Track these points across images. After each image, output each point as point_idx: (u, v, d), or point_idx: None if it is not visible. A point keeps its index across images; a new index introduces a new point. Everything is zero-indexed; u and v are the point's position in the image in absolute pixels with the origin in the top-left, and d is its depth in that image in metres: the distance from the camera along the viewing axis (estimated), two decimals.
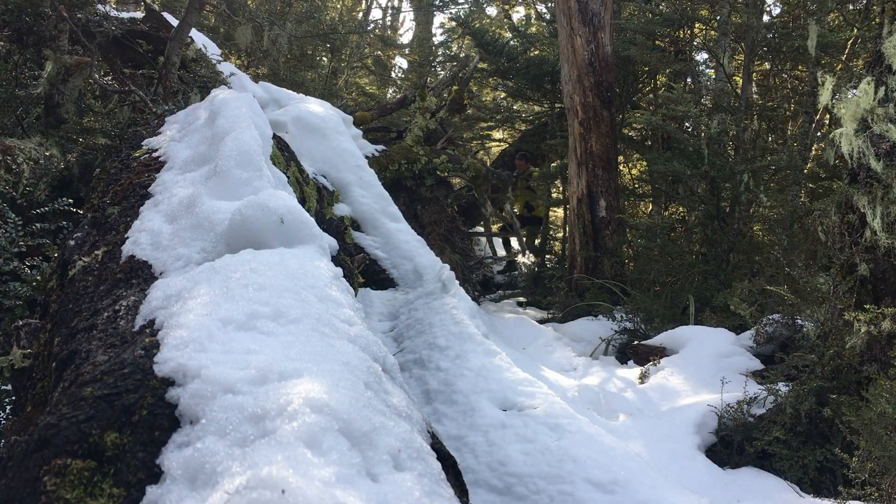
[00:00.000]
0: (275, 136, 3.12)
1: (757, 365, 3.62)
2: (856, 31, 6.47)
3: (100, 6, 4.81)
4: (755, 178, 5.37)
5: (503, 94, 10.23)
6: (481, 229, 8.06)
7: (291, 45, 8.60)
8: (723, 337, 3.98)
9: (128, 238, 1.82)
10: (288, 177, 2.80)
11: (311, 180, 3.53)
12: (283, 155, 3.11)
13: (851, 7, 6.95)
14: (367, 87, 12.58)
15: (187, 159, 2.23)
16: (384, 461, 1.00)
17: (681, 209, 7.14)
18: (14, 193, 3.20)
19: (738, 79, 6.70)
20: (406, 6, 15.55)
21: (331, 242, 2.52)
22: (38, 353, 1.77)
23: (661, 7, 7.14)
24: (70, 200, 3.09)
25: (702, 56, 7.88)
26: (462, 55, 10.32)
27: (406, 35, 16.50)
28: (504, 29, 10.68)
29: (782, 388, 3.05)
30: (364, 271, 3.64)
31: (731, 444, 3.00)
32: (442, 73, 10.80)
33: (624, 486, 1.82)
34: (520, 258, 7.89)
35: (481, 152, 10.34)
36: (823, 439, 2.85)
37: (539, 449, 1.97)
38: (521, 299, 7.09)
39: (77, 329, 1.49)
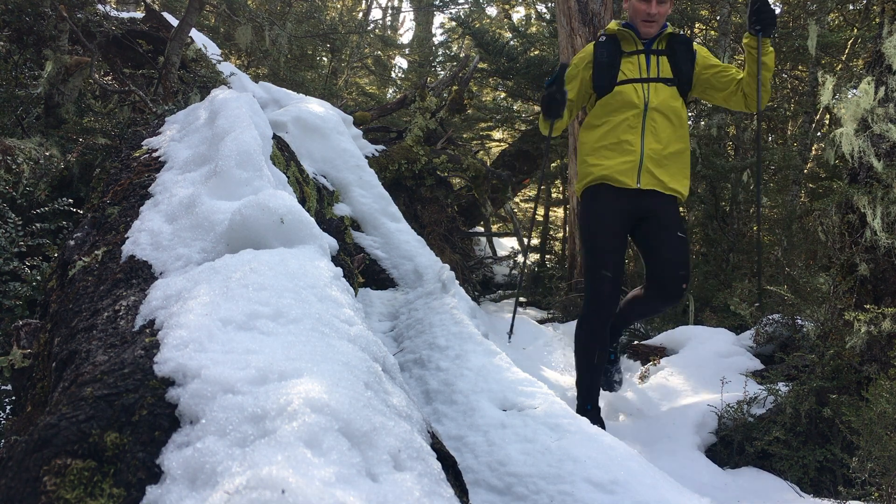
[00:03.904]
0: (275, 136, 3.12)
1: (757, 365, 3.62)
2: (856, 31, 6.47)
3: (100, 6, 4.81)
4: (755, 178, 5.38)
5: (503, 94, 10.24)
6: (481, 229, 8.06)
7: (291, 45, 8.59)
8: (723, 337, 3.98)
9: (128, 238, 1.82)
10: (288, 177, 2.80)
11: (311, 180, 3.53)
12: (283, 155, 3.11)
13: (851, 7, 6.95)
14: (367, 87, 12.59)
15: (187, 159, 2.23)
16: (384, 461, 1.00)
17: (680, 209, 7.14)
18: (14, 193, 3.20)
19: None
20: (406, 6, 15.57)
21: (331, 242, 2.52)
22: (38, 353, 1.77)
23: None
24: (70, 200, 3.08)
25: None
26: (462, 55, 10.32)
27: (406, 35, 16.52)
28: (504, 29, 10.69)
29: (782, 388, 3.05)
30: (364, 271, 3.64)
31: (731, 444, 3.00)
32: (442, 73, 10.80)
33: (624, 485, 1.82)
34: (519, 258, 7.89)
35: (481, 152, 10.34)
36: (823, 439, 2.86)
37: (539, 449, 1.97)
38: (522, 299, 7.09)
39: (77, 329, 1.49)
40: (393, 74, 12.88)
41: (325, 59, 11.23)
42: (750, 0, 2.82)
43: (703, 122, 5.68)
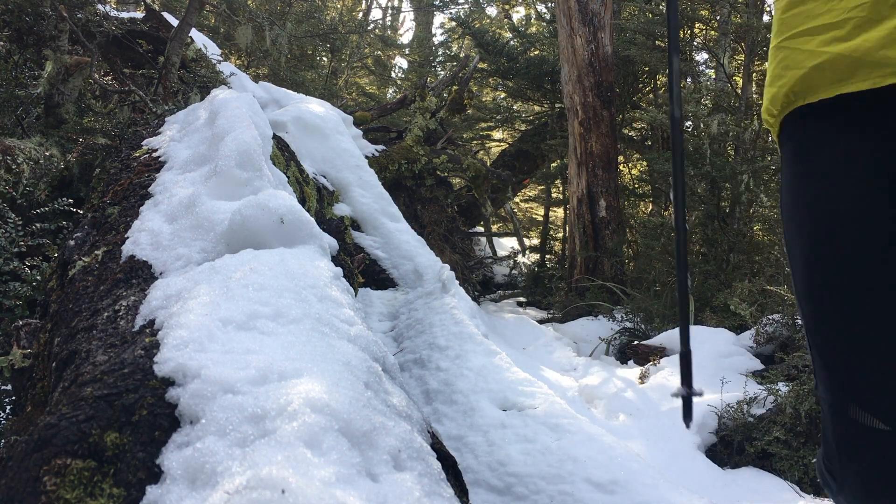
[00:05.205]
0: (275, 136, 3.12)
1: (757, 365, 3.62)
2: None
3: (100, 6, 4.81)
4: (755, 178, 5.38)
5: (503, 94, 10.24)
6: (481, 229, 8.06)
7: (291, 45, 8.60)
8: (723, 337, 3.98)
9: (128, 238, 1.82)
10: (288, 177, 2.80)
11: (311, 180, 3.53)
12: (283, 155, 3.11)
13: None
14: (367, 87, 12.59)
15: (187, 159, 2.23)
16: (384, 461, 1.00)
17: None
18: (14, 193, 3.20)
19: (738, 79, 6.70)
20: (406, 6, 15.56)
21: (331, 242, 2.52)
22: (38, 353, 1.77)
23: (661, 7, 7.14)
24: (70, 200, 3.08)
25: (702, 56, 7.89)
26: (462, 55, 10.32)
27: (406, 35, 16.51)
28: (504, 29, 10.69)
29: (782, 388, 3.05)
30: (364, 271, 3.64)
31: (731, 444, 3.00)
32: (442, 73, 10.81)
33: (624, 486, 1.82)
34: (520, 258, 7.89)
35: (481, 152, 10.34)
36: None
37: (539, 449, 1.97)
38: (521, 299, 7.09)
39: (77, 329, 1.49)
40: (393, 74, 12.89)
41: (325, 59, 11.23)
42: None
43: (702, 123, 5.68)
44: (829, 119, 0.97)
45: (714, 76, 7.39)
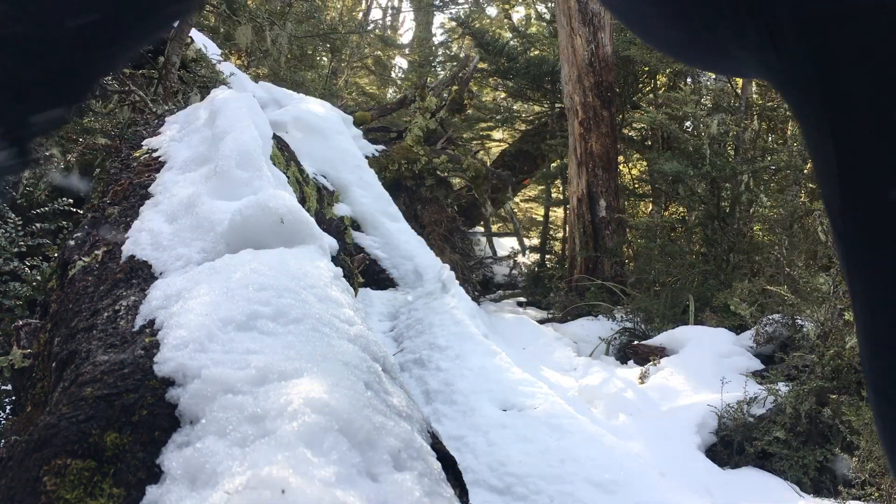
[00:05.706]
0: (275, 136, 3.12)
1: (757, 365, 3.62)
2: None
3: None
4: (755, 179, 5.39)
5: (503, 94, 10.24)
6: (481, 229, 8.06)
7: (291, 45, 8.60)
8: (723, 337, 3.98)
9: (128, 238, 1.82)
10: (288, 177, 2.80)
11: (311, 180, 3.53)
12: (283, 155, 3.11)
13: None
14: (367, 87, 12.59)
15: (187, 159, 2.23)
16: (384, 461, 1.00)
17: (681, 209, 7.14)
18: (14, 193, 3.20)
19: (737, 79, 6.70)
20: (406, 6, 15.56)
21: (331, 242, 2.52)
22: (38, 353, 1.77)
23: None
24: (70, 200, 3.08)
25: None
26: (462, 55, 10.32)
27: (406, 35, 16.51)
28: (504, 29, 10.69)
29: (782, 388, 3.05)
30: (364, 271, 3.64)
31: (731, 444, 3.00)
32: (442, 73, 10.81)
33: (624, 486, 1.82)
34: (520, 258, 7.90)
35: (481, 152, 10.34)
36: (823, 439, 2.86)
37: (539, 449, 1.97)
38: (521, 299, 7.09)
39: (77, 329, 1.49)
40: (393, 74, 12.90)
41: (325, 59, 11.23)
42: None
43: (702, 123, 5.69)
44: None
45: (714, 76, 7.39)
